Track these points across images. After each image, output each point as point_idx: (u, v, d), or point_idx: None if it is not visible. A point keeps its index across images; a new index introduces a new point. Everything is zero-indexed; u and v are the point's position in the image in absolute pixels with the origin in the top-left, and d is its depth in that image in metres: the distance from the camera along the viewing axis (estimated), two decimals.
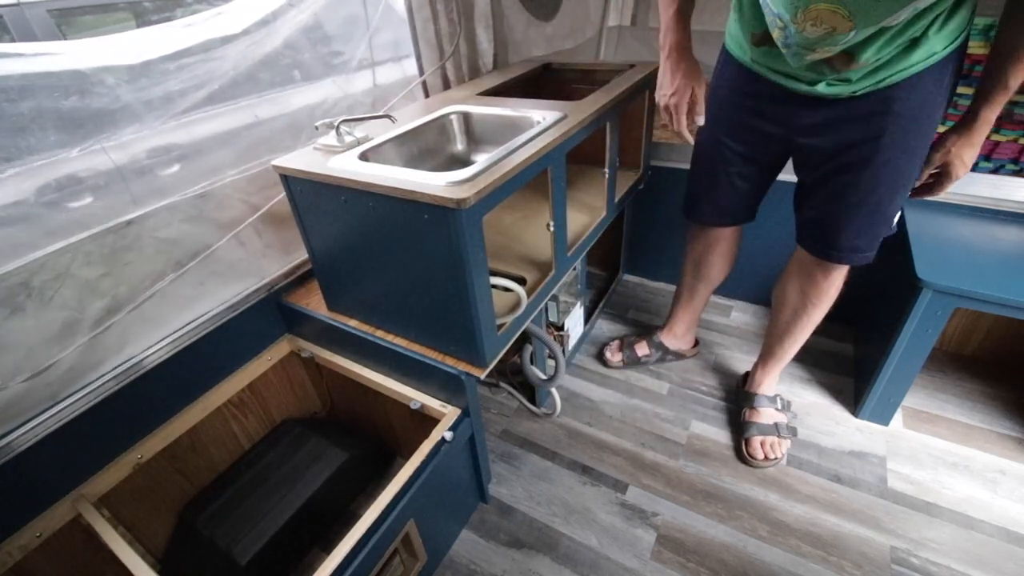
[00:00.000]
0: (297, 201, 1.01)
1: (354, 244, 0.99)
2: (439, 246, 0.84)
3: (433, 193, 0.78)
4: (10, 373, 0.83)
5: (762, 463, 1.30)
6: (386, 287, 1.00)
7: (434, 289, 0.92)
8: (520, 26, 1.87)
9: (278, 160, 0.97)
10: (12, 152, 0.85)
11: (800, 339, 1.29)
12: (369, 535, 0.85)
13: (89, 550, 0.97)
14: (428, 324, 1.00)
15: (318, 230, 1.03)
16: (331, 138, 1.02)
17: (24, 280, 0.82)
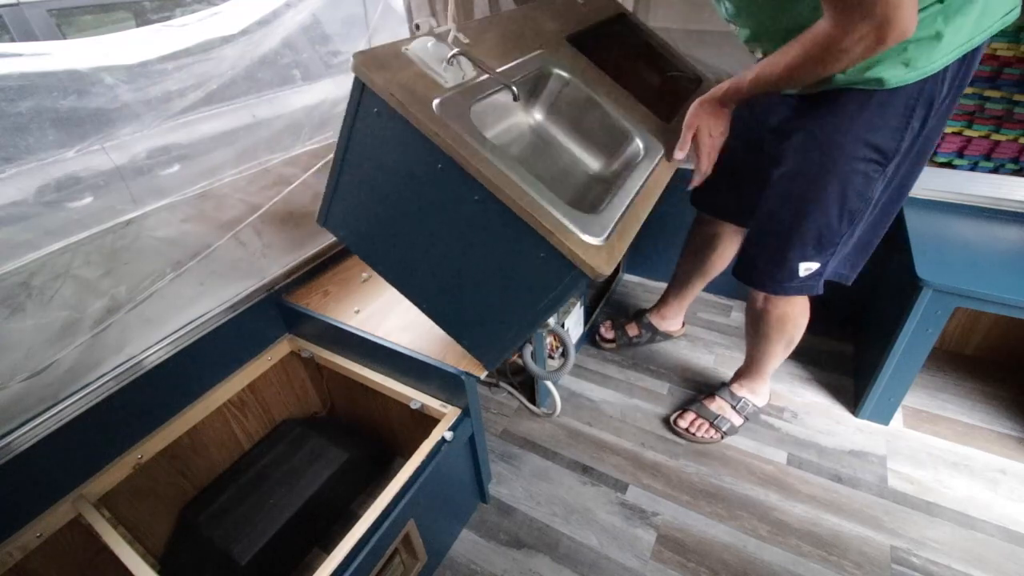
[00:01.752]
0: (360, 118, 0.79)
1: (412, 207, 0.84)
2: (536, 278, 0.77)
3: (570, 247, 0.71)
4: (10, 373, 0.83)
5: (682, 432, 1.37)
6: (426, 258, 0.89)
7: (487, 290, 0.84)
8: None
9: (365, 51, 0.76)
10: (11, 152, 0.84)
11: (766, 363, 1.30)
12: (369, 535, 0.85)
13: (89, 550, 0.97)
14: (453, 306, 0.92)
15: (367, 161, 0.84)
16: (434, 60, 0.80)
17: (24, 280, 0.82)
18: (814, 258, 1.00)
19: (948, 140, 1.33)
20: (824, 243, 0.98)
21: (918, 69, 0.78)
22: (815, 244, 0.98)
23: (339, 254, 1.37)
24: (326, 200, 0.97)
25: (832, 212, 0.94)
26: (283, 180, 1.18)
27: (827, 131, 0.89)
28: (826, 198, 0.92)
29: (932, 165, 1.37)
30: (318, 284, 1.27)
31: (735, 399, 1.39)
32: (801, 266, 1.01)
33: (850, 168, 0.89)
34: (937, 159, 1.37)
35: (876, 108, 0.84)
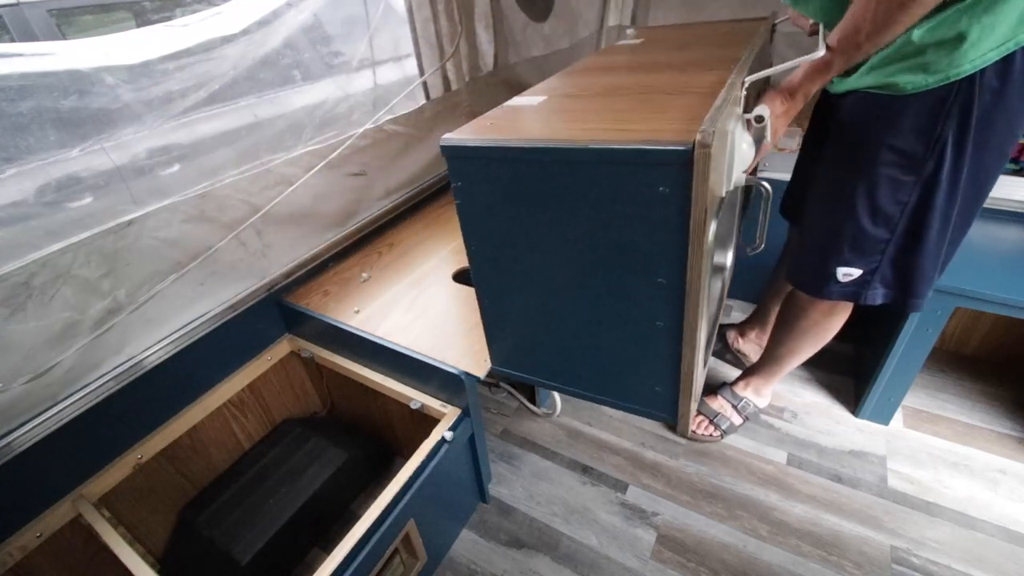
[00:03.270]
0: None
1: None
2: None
3: None
4: (11, 375, 0.83)
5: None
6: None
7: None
8: (519, 26, 1.87)
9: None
10: (12, 152, 0.85)
11: (785, 364, 1.28)
12: (369, 535, 0.85)
13: (89, 550, 0.97)
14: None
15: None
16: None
17: (24, 280, 0.82)
18: (852, 263, 0.96)
19: None
20: (861, 248, 0.94)
21: (939, 73, 0.74)
22: (851, 248, 0.95)
23: (339, 254, 1.37)
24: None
25: (863, 216, 0.90)
26: (284, 180, 1.18)
27: (850, 134, 0.88)
28: (854, 201, 0.90)
29: None
30: (318, 284, 1.27)
31: (736, 399, 1.38)
32: (839, 271, 0.97)
33: (875, 172, 0.86)
34: None
35: (897, 113, 0.81)
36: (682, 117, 0.69)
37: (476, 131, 0.74)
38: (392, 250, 1.38)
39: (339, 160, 1.27)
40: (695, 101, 0.75)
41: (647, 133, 0.64)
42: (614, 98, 0.82)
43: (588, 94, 0.86)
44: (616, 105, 0.78)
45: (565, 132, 0.69)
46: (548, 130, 0.72)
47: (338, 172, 1.32)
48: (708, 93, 0.77)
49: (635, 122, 0.70)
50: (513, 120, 0.77)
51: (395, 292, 1.21)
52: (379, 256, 1.36)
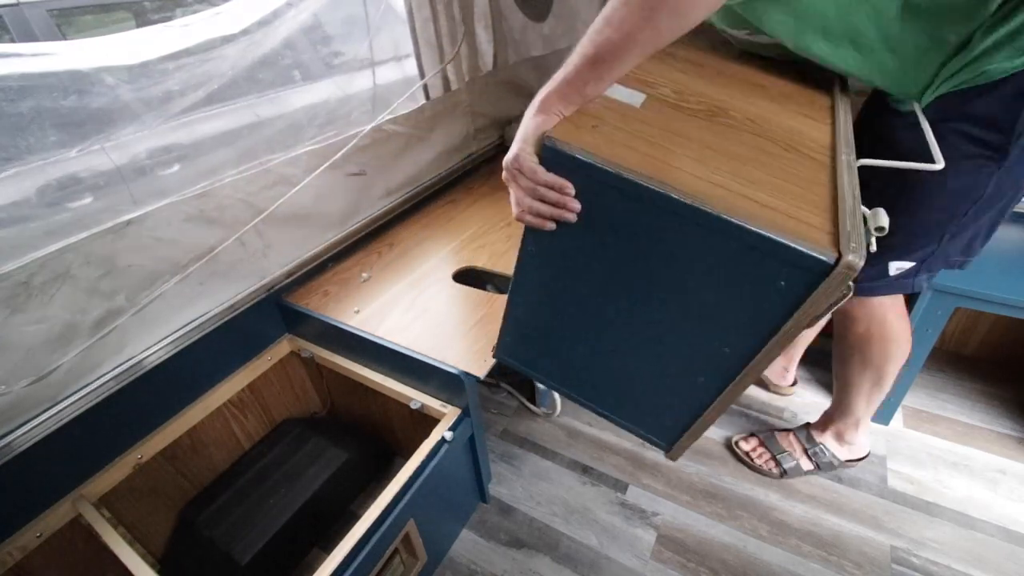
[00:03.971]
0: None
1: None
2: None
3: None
4: (12, 376, 0.83)
5: (741, 455, 1.32)
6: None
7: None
8: (518, 26, 1.87)
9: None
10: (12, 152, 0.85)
11: (850, 399, 1.17)
12: (369, 535, 0.85)
13: (89, 550, 0.97)
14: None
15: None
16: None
17: (24, 280, 0.82)
18: (907, 257, 0.92)
19: None
20: (920, 242, 0.89)
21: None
22: (909, 244, 0.90)
23: (339, 254, 1.37)
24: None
25: (929, 211, 0.86)
26: (284, 180, 1.18)
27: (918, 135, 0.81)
28: (923, 198, 0.85)
29: None
30: (318, 284, 1.27)
31: (811, 443, 1.27)
32: (892, 266, 0.93)
33: (953, 165, 0.81)
34: None
35: (981, 102, 0.76)
36: (814, 201, 0.60)
37: (585, 138, 0.61)
38: (392, 250, 1.38)
39: (339, 160, 1.27)
40: (816, 172, 0.66)
41: (785, 220, 0.56)
42: (724, 131, 0.71)
43: (691, 107, 0.75)
44: (730, 146, 0.67)
45: (689, 180, 0.59)
46: (666, 167, 0.60)
47: (338, 172, 1.31)
48: (823, 162, 0.69)
49: (763, 189, 0.60)
50: (621, 128, 0.65)
51: (395, 292, 1.21)
52: (379, 256, 1.36)
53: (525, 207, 0.64)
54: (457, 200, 1.60)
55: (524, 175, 0.62)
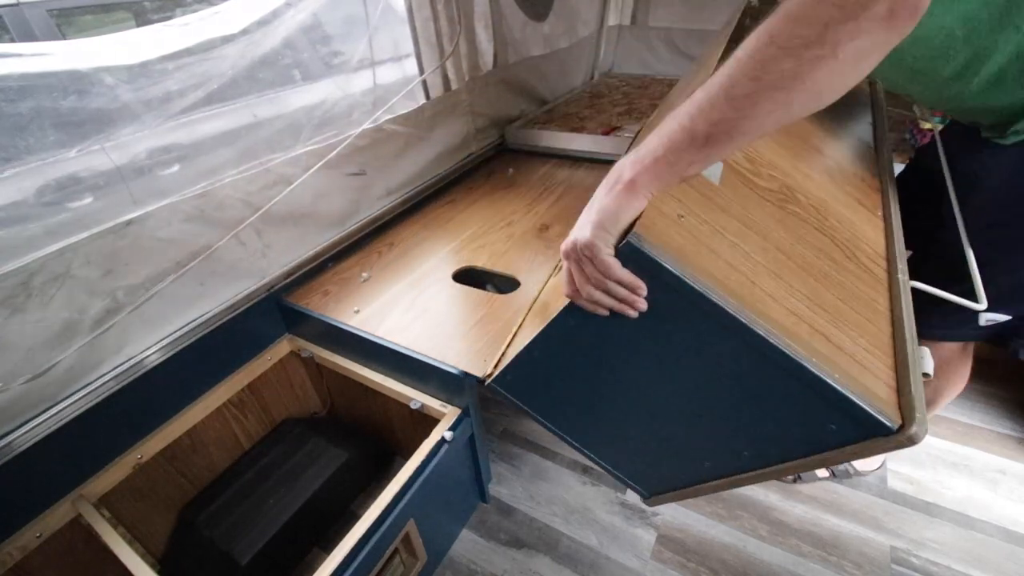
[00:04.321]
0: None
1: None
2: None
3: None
4: (11, 375, 0.83)
5: None
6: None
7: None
8: (518, 25, 1.87)
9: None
10: (12, 152, 0.85)
11: None
12: (369, 535, 0.85)
13: (89, 550, 0.97)
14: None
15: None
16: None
17: (24, 280, 0.82)
18: (1002, 311, 0.81)
19: None
20: (1020, 295, 0.79)
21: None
22: (1007, 295, 0.79)
23: (339, 254, 1.37)
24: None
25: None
26: (284, 180, 1.18)
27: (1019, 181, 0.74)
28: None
29: None
30: (318, 284, 1.27)
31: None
32: (983, 316, 0.82)
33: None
34: None
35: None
36: (877, 337, 0.60)
37: (672, 236, 0.55)
38: (392, 250, 1.38)
39: (338, 160, 1.27)
40: (876, 293, 0.66)
41: (851, 364, 0.55)
42: (795, 225, 0.69)
43: (764, 185, 0.72)
44: (802, 250, 0.66)
45: (772, 308, 0.56)
46: (751, 289, 0.56)
47: (337, 172, 1.31)
48: (881, 278, 0.69)
49: (832, 319, 0.59)
50: (705, 221, 0.60)
51: (395, 292, 1.21)
52: (379, 256, 1.36)
53: (585, 294, 0.56)
54: (457, 200, 1.60)
55: (594, 266, 0.53)
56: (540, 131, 1.86)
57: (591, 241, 0.52)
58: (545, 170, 1.75)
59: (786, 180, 0.77)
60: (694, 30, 2.33)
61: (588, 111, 2.04)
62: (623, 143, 1.68)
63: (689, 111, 0.47)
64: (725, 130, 0.46)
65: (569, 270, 0.56)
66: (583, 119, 1.94)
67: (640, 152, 0.51)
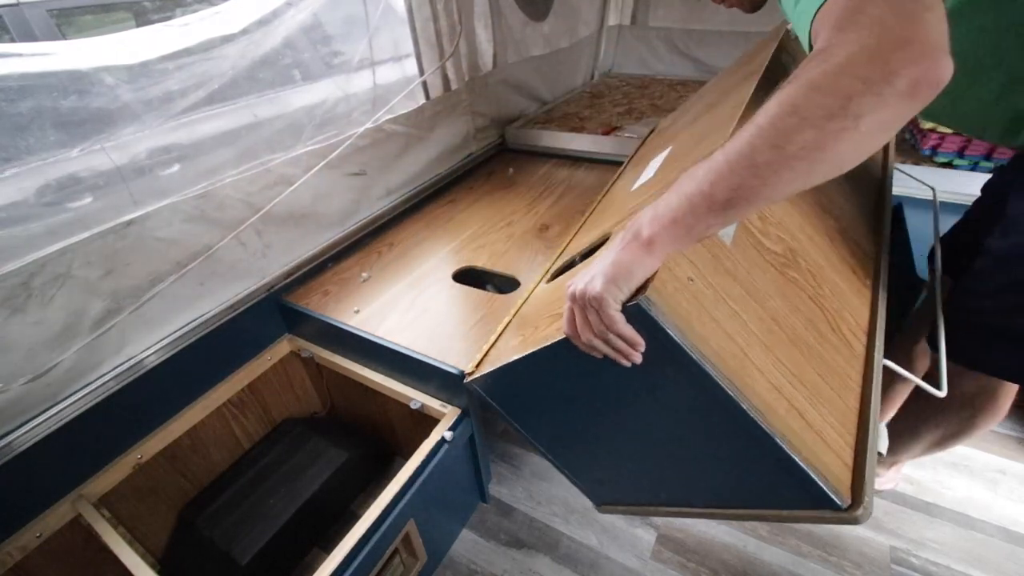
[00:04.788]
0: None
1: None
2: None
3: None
4: (11, 375, 0.83)
5: None
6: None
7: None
8: (518, 25, 1.87)
9: None
10: (12, 152, 0.85)
11: (904, 447, 1.05)
12: (369, 535, 0.85)
13: (89, 550, 0.97)
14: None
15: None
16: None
17: (24, 280, 0.82)
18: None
19: (948, 140, 1.33)
20: None
21: None
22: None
23: (339, 254, 1.37)
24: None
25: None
26: (284, 180, 1.18)
27: None
28: None
29: (932, 165, 1.37)
30: (318, 284, 1.27)
31: None
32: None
33: None
34: (937, 159, 1.37)
35: None
36: (844, 414, 0.64)
37: (680, 301, 0.56)
38: (392, 250, 1.38)
39: (339, 160, 1.27)
40: (851, 369, 0.69)
41: (816, 441, 0.60)
42: (791, 292, 0.72)
43: (770, 248, 0.75)
44: (793, 321, 0.69)
45: (756, 380, 0.59)
46: (742, 361, 0.59)
47: (338, 172, 1.32)
48: (859, 354, 0.73)
49: (808, 395, 0.63)
50: (711, 285, 0.63)
51: (395, 292, 1.21)
52: (379, 256, 1.36)
53: (584, 339, 0.57)
54: (457, 200, 1.60)
55: (600, 317, 0.54)
56: (540, 131, 1.87)
57: (602, 295, 0.52)
58: (545, 170, 1.75)
59: (791, 243, 0.79)
60: (694, 30, 2.33)
61: (588, 111, 2.04)
62: (623, 143, 1.68)
63: (709, 176, 0.47)
64: (745, 196, 0.46)
65: (572, 311, 0.57)
66: (583, 119, 1.95)
67: (659, 210, 0.51)
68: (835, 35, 0.43)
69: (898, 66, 0.39)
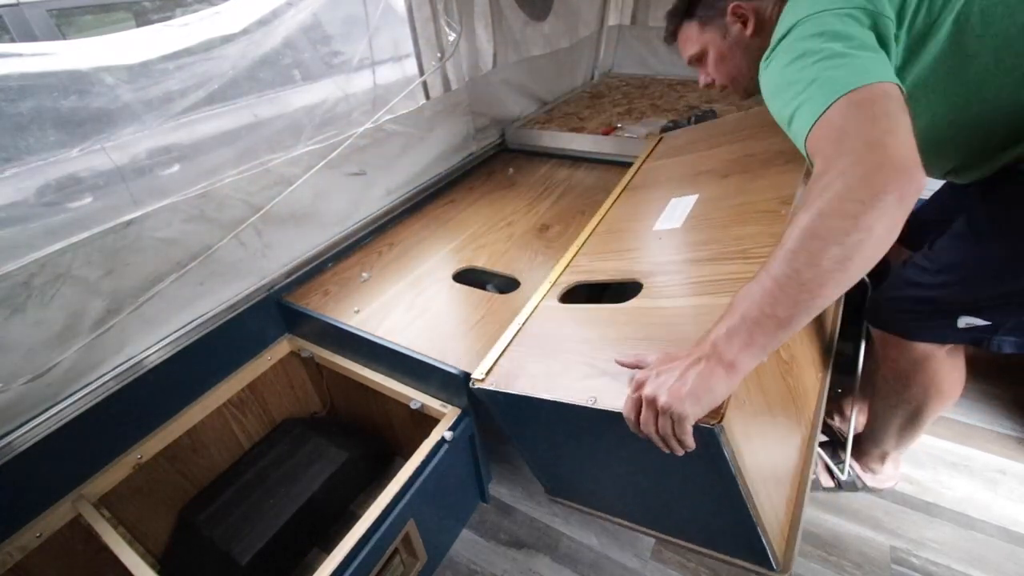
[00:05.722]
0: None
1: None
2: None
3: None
4: (11, 375, 0.83)
5: None
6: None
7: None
8: (518, 25, 1.87)
9: None
10: (12, 152, 0.85)
11: (879, 434, 1.12)
12: (369, 535, 0.85)
13: (89, 550, 0.97)
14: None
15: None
16: None
17: (24, 280, 0.82)
18: (983, 315, 0.82)
19: None
20: (995, 302, 0.81)
21: None
22: (993, 304, 0.81)
23: (339, 254, 1.37)
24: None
25: (1006, 273, 0.77)
26: (284, 180, 1.18)
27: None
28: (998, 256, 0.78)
29: None
30: (318, 284, 1.27)
31: (837, 459, 1.21)
32: (962, 320, 0.84)
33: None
34: None
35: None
36: (785, 511, 0.82)
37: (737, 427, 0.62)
38: (392, 250, 1.38)
39: (339, 160, 1.27)
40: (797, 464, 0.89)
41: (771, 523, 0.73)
42: (784, 398, 0.81)
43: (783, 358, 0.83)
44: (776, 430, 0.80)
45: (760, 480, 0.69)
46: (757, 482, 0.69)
47: (338, 172, 1.32)
48: (805, 440, 0.90)
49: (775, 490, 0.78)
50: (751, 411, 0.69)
51: (395, 292, 1.21)
52: (379, 256, 1.36)
53: (644, 430, 0.61)
54: (457, 200, 1.60)
55: (674, 429, 0.58)
56: (540, 131, 1.87)
57: (687, 415, 0.57)
58: (545, 170, 1.75)
59: (793, 348, 0.88)
60: None
61: (588, 111, 2.04)
62: (623, 143, 1.68)
63: (767, 299, 0.55)
64: (803, 309, 0.54)
65: (639, 402, 0.61)
66: (583, 119, 1.95)
67: (733, 332, 0.57)
68: (828, 163, 0.54)
69: (883, 187, 0.49)
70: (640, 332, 0.81)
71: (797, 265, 0.53)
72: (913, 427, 1.06)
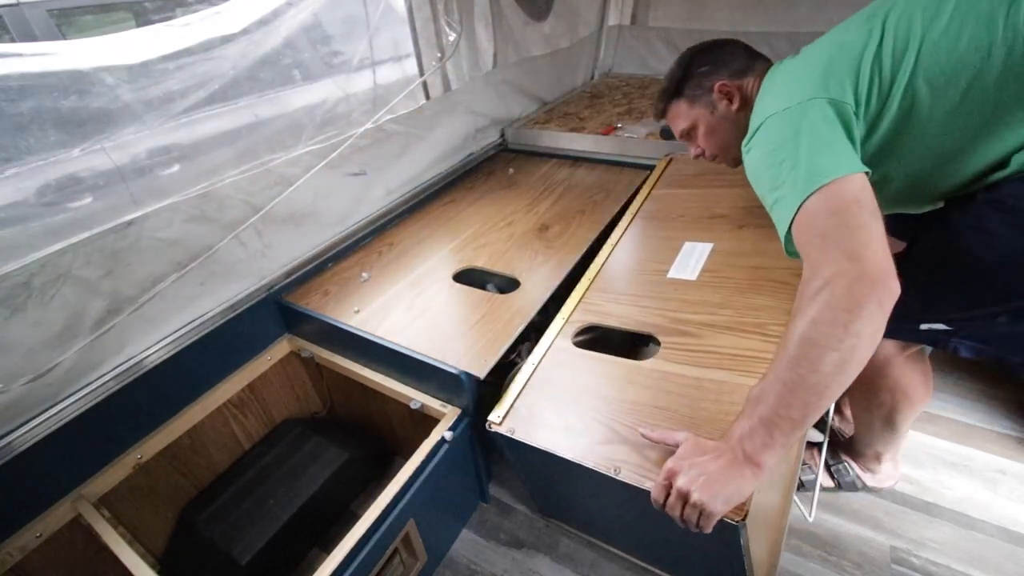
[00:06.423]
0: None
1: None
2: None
3: None
4: (11, 375, 0.83)
5: None
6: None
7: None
8: (518, 25, 1.87)
9: None
10: (12, 152, 0.85)
11: (864, 437, 1.16)
12: (369, 535, 0.85)
13: (89, 550, 0.97)
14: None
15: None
16: None
17: (25, 280, 0.82)
18: (946, 322, 0.86)
19: None
20: (954, 308, 0.85)
21: None
22: (940, 306, 0.85)
23: (339, 254, 1.37)
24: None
25: (970, 282, 0.82)
26: (284, 180, 1.18)
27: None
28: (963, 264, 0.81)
29: None
30: (318, 284, 1.27)
31: (835, 459, 1.22)
32: (924, 325, 0.88)
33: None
34: None
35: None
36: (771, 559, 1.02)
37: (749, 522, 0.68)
38: (392, 250, 1.38)
39: (339, 160, 1.27)
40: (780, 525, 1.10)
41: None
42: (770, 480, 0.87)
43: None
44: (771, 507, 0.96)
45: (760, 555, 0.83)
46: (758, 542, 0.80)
47: (338, 172, 1.32)
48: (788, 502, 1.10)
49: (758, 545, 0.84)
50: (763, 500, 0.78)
51: (395, 292, 1.21)
52: (379, 256, 1.36)
53: (668, 510, 0.67)
54: (457, 200, 1.60)
55: (699, 518, 0.64)
56: (540, 131, 1.87)
57: (716, 513, 0.63)
58: (545, 170, 1.75)
59: None
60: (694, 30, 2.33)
61: (588, 111, 2.04)
62: (623, 143, 1.68)
63: (781, 402, 0.62)
64: (814, 408, 0.61)
65: (668, 488, 0.67)
66: (583, 119, 1.95)
67: (755, 432, 0.64)
68: (814, 270, 0.62)
69: (864, 297, 0.58)
70: (660, 399, 0.83)
71: (801, 371, 0.60)
72: (892, 430, 1.08)
